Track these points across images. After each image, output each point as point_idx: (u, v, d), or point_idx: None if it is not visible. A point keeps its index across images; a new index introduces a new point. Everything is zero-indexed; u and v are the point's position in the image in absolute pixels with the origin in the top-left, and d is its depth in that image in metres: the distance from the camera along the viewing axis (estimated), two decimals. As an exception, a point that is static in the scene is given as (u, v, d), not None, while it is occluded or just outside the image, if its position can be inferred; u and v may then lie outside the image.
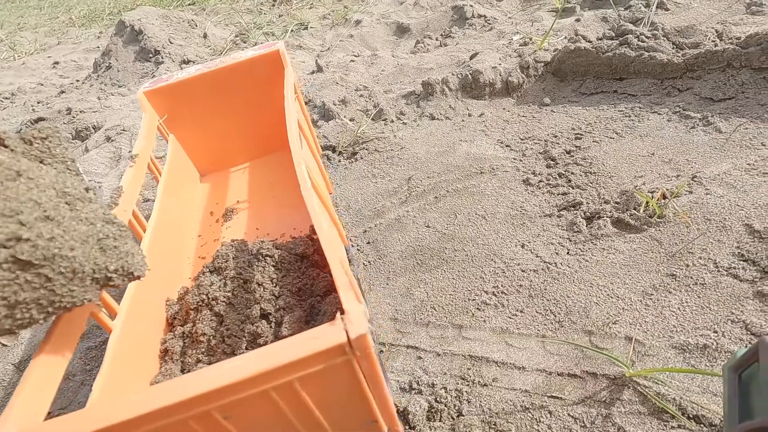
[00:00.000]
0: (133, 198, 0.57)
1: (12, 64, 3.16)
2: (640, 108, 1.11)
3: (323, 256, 0.63)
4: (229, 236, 0.73)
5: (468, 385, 0.63)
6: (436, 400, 0.62)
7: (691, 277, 0.68)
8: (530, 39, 1.48)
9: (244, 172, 0.91)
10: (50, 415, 0.49)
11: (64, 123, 1.79)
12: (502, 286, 0.76)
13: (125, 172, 0.60)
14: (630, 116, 1.10)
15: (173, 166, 0.75)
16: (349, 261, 0.74)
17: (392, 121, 1.31)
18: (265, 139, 0.90)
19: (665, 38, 1.18)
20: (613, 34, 1.26)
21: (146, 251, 0.58)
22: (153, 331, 0.54)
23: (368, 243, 0.92)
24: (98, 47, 3.22)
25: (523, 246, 0.82)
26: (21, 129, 1.80)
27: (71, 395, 0.74)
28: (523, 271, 0.77)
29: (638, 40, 1.18)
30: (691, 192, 0.82)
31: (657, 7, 1.48)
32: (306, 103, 1.47)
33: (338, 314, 0.33)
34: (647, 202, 0.80)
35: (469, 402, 0.61)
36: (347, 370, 0.34)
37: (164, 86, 0.77)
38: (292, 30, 2.32)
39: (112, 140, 1.58)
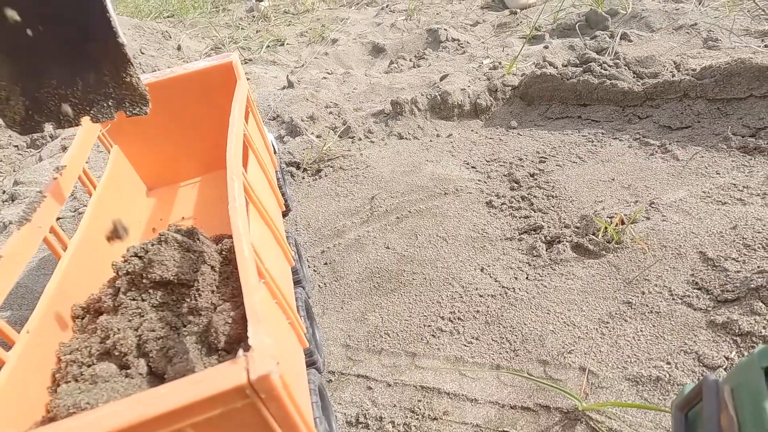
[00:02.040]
0: (53, 212, 0.52)
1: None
2: (602, 134, 1.13)
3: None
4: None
5: (417, 418, 0.59)
6: (382, 436, 0.58)
7: (647, 305, 0.67)
8: (500, 63, 1.50)
9: (194, 187, 0.87)
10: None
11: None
12: (459, 311, 0.73)
13: (47, 183, 0.55)
14: (593, 141, 1.11)
15: (113, 179, 0.71)
16: (299, 282, 0.70)
17: (360, 139, 1.29)
18: (217, 153, 0.87)
19: (626, 67, 1.21)
20: (578, 62, 1.29)
21: (64, 269, 0.53)
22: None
23: (325, 264, 0.88)
24: (68, 55, 3.13)
25: (482, 270, 0.80)
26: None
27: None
28: (480, 296, 0.75)
29: (601, 68, 1.21)
30: (648, 218, 0.82)
31: (621, 39, 1.54)
32: (274, 119, 1.44)
33: (240, 351, 0.30)
34: (605, 228, 0.80)
35: (416, 438, 0.57)
36: (251, 414, 0.30)
37: (109, 95, 0.72)
38: (268, 45, 2.31)
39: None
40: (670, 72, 1.17)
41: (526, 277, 0.77)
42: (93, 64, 0.50)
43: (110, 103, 0.52)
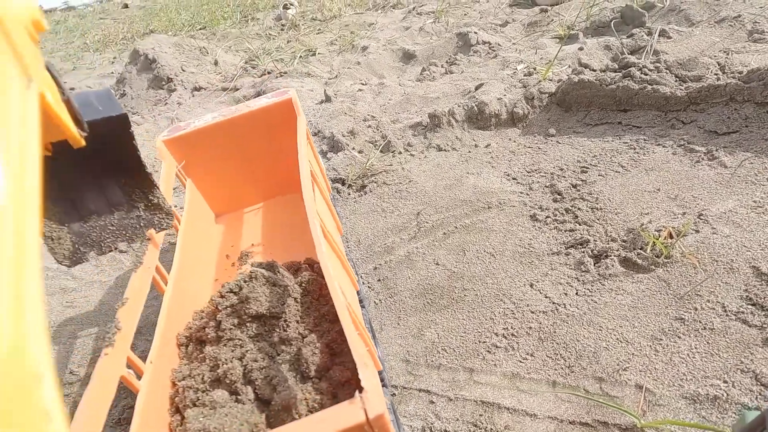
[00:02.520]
0: (156, 253, 0.60)
1: (29, 91, 3.25)
2: (644, 140, 1.13)
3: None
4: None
5: (480, 432, 0.64)
6: (448, 449, 0.63)
7: (700, 321, 0.69)
8: (534, 69, 1.51)
9: (257, 213, 0.94)
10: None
11: (81, 153, 1.84)
12: (512, 327, 0.77)
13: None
14: (635, 148, 1.11)
15: (192, 211, 0.78)
16: (361, 302, 0.76)
17: (400, 153, 1.33)
18: (278, 180, 0.93)
19: (668, 71, 1.20)
20: (617, 66, 1.29)
21: (168, 302, 0.60)
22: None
23: (379, 280, 0.93)
24: (112, 73, 3.31)
25: (531, 286, 0.83)
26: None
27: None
28: (532, 312, 0.78)
29: (641, 73, 1.20)
30: (697, 231, 0.83)
31: (659, 36, 1.51)
32: (315, 134, 1.51)
33: (357, 393, 0.35)
34: (654, 242, 0.81)
35: (481, 450, 0.62)
36: (365, 445, 0.36)
37: (182, 135, 0.80)
38: (300, 56, 2.38)
39: (128, 171, 1.62)
40: (715, 75, 1.15)
41: (576, 293, 0.80)
42: (125, 193, 0.56)
43: (142, 224, 0.57)
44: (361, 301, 0.76)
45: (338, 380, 0.50)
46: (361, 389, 0.35)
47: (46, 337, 0.17)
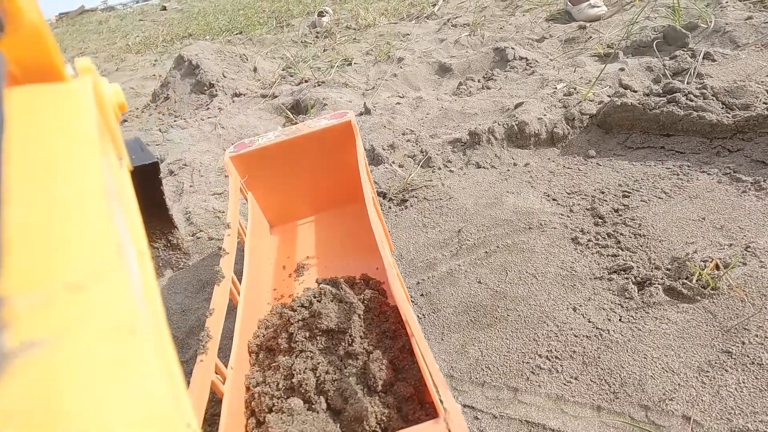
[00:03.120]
0: (231, 264, 0.65)
1: (77, 90, 3.42)
2: (688, 167, 1.13)
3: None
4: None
5: (526, 451, 0.66)
6: (496, 465, 0.66)
7: (748, 356, 0.70)
8: (575, 89, 1.52)
9: (309, 226, 0.99)
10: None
11: (130, 155, 1.94)
12: (555, 350, 0.79)
13: (224, 240, 0.68)
14: (678, 175, 1.12)
15: (254, 224, 0.84)
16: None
17: (439, 169, 1.37)
18: (330, 195, 0.98)
19: (714, 98, 1.20)
20: (661, 90, 1.29)
21: (242, 311, 0.65)
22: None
23: (422, 295, 0.97)
24: (154, 75, 3.45)
25: (574, 309, 0.85)
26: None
27: None
28: (575, 336, 0.80)
29: (687, 99, 1.20)
30: (744, 264, 0.84)
31: (703, 58, 1.50)
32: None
33: (442, 413, 0.39)
34: (700, 273, 0.82)
35: (528, 469, 0.64)
36: (445, 464, 0.39)
37: (248, 152, 0.86)
38: (336, 66, 2.44)
39: (175, 174, 1.71)
40: (764, 103, 1.14)
41: (620, 319, 0.81)
42: (146, 234, 0.60)
43: (160, 264, 0.62)
44: (409, 317, 0.79)
45: (402, 395, 0.54)
46: (444, 410, 0.39)
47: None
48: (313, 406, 0.54)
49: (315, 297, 0.63)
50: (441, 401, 0.39)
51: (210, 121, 2.12)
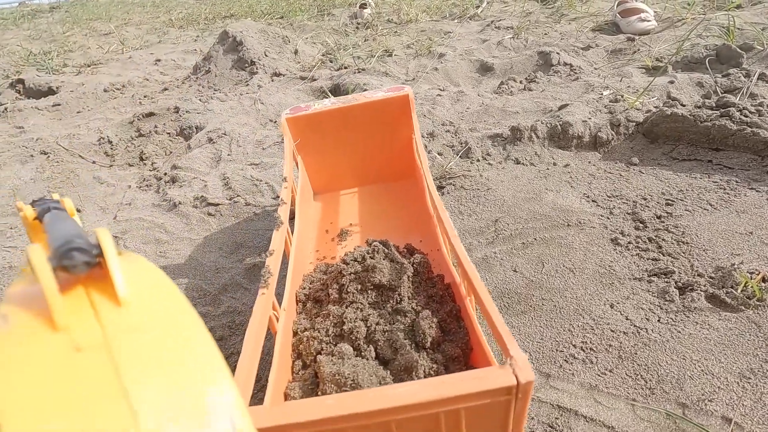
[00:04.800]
0: (287, 213, 0.66)
1: (120, 57, 3.51)
2: (736, 182, 1.11)
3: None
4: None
5: (557, 434, 0.66)
6: (525, 443, 0.66)
7: (793, 368, 0.68)
8: (621, 96, 1.50)
9: (353, 197, 1.00)
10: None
11: (171, 120, 1.99)
12: (590, 342, 0.78)
13: (281, 192, 0.69)
14: (725, 189, 1.10)
15: (303, 186, 0.85)
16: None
17: (478, 160, 1.37)
18: (379, 168, 0.99)
19: (770, 116, 1.17)
20: (714, 105, 1.27)
21: (294, 261, 0.67)
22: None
23: (455, 278, 0.97)
24: (195, 50, 3.52)
25: (612, 306, 0.84)
26: (134, 120, 2.01)
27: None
28: (612, 331, 0.80)
29: (741, 114, 1.18)
30: (793, 279, 0.82)
31: (758, 78, 1.47)
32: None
33: (508, 359, 0.39)
34: (746, 283, 0.81)
35: (558, 451, 0.64)
36: (504, 408, 0.40)
37: (303, 115, 0.87)
38: (377, 56, 2.46)
39: (214, 142, 1.74)
40: (823, 125, 1.12)
41: (658, 320, 0.81)
42: None
43: None
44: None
45: (450, 355, 0.54)
46: (511, 357, 0.39)
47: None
48: (362, 354, 0.55)
49: (368, 253, 0.64)
50: (507, 348, 0.40)
51: (249, 96, 2.16)
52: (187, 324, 0.22)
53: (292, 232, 0.73)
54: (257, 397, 0.68)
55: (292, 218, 0.87)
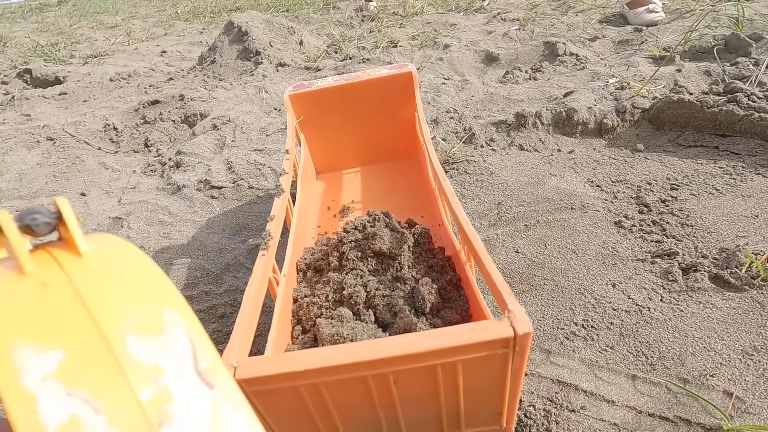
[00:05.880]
0: (288, 184, 0.67)
1: (126, 48, 3.53)
2: (743, 167, 1.10)
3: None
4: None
5: (556, 407, 0.66)
6: (525, 416, 0.65)
7: (797, 345, 0.68)
8: (627, 84, 1.49)
9: (355, 176, 1.00)
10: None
11: (176, 108, 2.00)
12: (591, 320, 0.78)
13: (284, 163, 0.69)
14: (732, 174, 1.09)
15: (305, 164, 0.85)
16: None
17: (482, 146, 1.36)
18: (382, 146, 0.99)
19: (778, 101, 1.16)
20: (721, 90, 1.26)
21: (295, 232, 0.67)
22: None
23: (457, 258, 0.97)
24: (201, 42, 3.53)
25: (614, 286, 0.84)
26: (139, 108, 2.02)
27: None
28: (614, 309, 0.79)
29: (749, 100, 1.17)
30: (799, 260, 0.81)
31: (766, 67, 1.45)
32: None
33: (506, 311, 0.39)
34: (751, 263, 0.80)
35: (557, 423, 0.64)
36: (501, 361, 0.40)
37: (306, 92, 0.87)
38: (382, 47, 2.45)
39: (218, 129, 1.75)
40: (832, 110, 1.10)
41: (661, 299, 0.80)
42: None
43: None
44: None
45: (449, 320, 0.54)
46: (509, 311, 0.39)
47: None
48: (361, 317, 0.55)
49: (369, 222, 0.64)
50: (505, 303, 0.40)
51: (254, 85, 2.16)
52: (145, 268, 0.23)
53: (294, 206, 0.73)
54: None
55: (295, 201, 0.88)
